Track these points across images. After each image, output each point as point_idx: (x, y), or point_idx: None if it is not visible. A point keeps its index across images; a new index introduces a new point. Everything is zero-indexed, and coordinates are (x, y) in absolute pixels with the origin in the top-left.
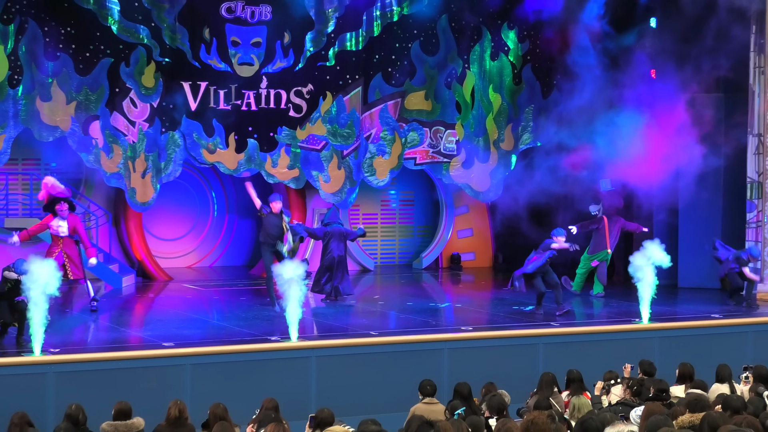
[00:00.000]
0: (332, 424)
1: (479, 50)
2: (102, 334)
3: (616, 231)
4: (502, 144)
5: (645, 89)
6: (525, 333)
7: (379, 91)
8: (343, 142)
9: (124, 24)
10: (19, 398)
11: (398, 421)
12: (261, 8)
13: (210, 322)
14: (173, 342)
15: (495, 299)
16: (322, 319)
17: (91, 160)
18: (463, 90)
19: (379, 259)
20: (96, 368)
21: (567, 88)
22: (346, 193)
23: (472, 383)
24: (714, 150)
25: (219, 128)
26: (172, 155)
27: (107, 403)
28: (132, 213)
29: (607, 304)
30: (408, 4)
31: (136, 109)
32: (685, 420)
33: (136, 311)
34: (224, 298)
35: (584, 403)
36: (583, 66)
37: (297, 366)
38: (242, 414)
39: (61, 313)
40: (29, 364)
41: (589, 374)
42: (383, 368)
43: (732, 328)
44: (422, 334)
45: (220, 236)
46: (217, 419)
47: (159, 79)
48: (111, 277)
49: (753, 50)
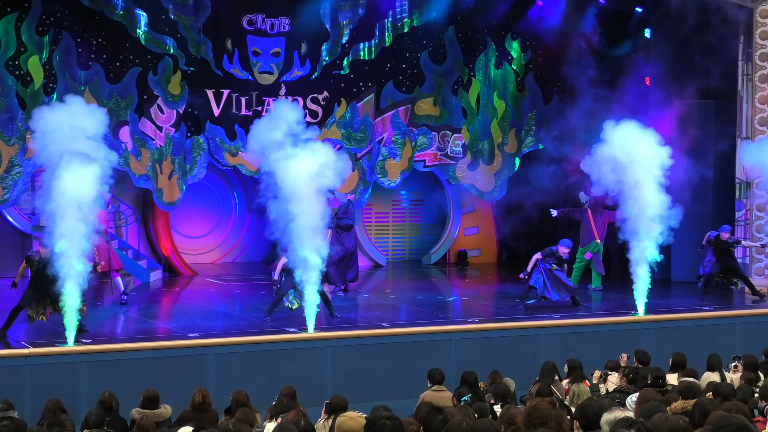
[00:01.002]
0: (346, 410)
1: (484, 59)
2: (131, 325)
3: (602, 223)
4: (506, 147)
5: (640, 95)
6: (527, 324)
7: (390, 98)
8: (356, 145)
9: (151, 35)
10: (53, 386)
11: (408, 408)
12: (280, 20)
13: (232, 315)
14: (198, 333)
15: (499, 293)
16: (337, 311)
17: (121, 162)
18: (469, 96)
19: (390, 255)
20: (125, 358)
21: (566, 95)
22: (360, 194)
23: (478, 372)
24: (705, 151)
25: (241, 133)
26: (197, 158)
27: (136, 391)
28: (159, 212)
29: (604, 297)
30: (417, 16)
31: (163, 115)
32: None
33: (163, 304)
34: (245, 292)
35: (584, 391)
36: (580, 74)
37: (313, 356)
38: (262, 400)
39: (93, 305)
40: (63, 354)
41: (588, 363)
42: (394, 358)
43: (722, 319)
44: (431, 325)
45: (241, 234)
46: (239, 405)
47: (184, 87)
48: (140, 272)
49: (741, 59)
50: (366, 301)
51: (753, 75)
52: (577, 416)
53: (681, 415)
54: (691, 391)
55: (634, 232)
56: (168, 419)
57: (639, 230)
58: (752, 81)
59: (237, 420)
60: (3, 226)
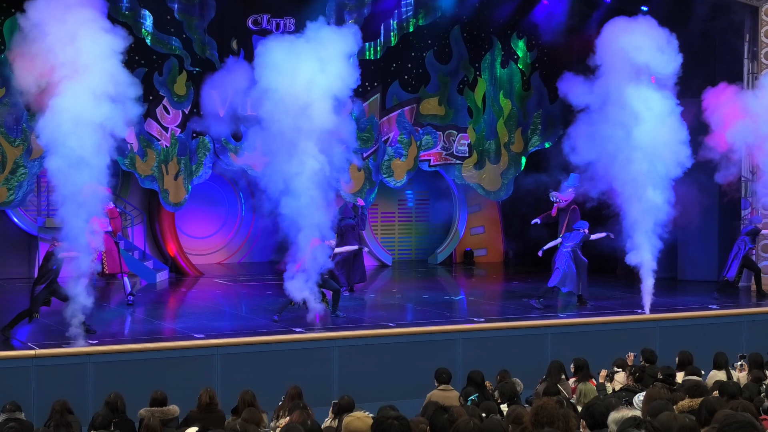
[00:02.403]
0: (353, 410)
1: (490, 59)
2: (138, 326)
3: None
4: (512, 146)
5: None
6: (534, 324)
7: (396, 97)
8: (362, 145)
9: (157, 36)
10: (60, 387)
11: (415, 407)
12: (285, 20)
13: (239, 315)
14: (204, 333)
15: (506, 292)
16: (344, 312)
17: (127, 163)
18: (474, 96)
19: (396, 255)
20: (132, 358)
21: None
22: (366, 193)
23: (485, 371)
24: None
25: (246, 133)
26: (203, 158)
27: (142, 391)
28: (165, 213)
29: (610, 296)
30: (423, 16)
31: (168, 116)
32: (685, 405)
33: (170, 305)
34: (252, 293)
35: (590, 389)
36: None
37: (320, 355)
38: (268, 400)
39: (100, 306)
40: (70, 355)
41: (594, 362)
42: (401, 357)
43: (728, 318)
44: (437, 325)
45: (247, 234)
46: (246, 405)
47: (190, 88)
48: (146, 273)
49: (746, 57)
50: (372, 300)
51: (758, 74)
52: (584, 415)
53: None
54: (698, 389)
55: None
56: (175, 418)
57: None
58: (757, 79)
59: (243, 420)
60: (9, 228)
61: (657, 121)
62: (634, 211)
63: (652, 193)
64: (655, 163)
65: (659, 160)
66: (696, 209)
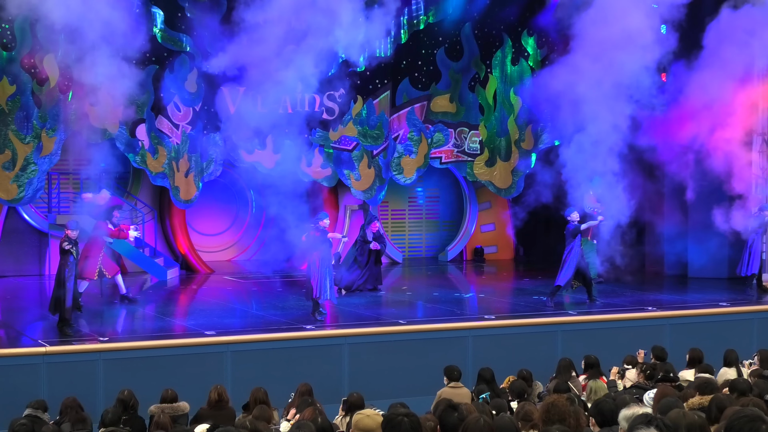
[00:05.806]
0: (363, 407)
1: (501, 56)
2: (148, 323)
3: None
4: (522, 143)
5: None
6: (544, 321)
7: (406, 95)
8: (372, 142)
9: (168, 33)
10: (70, 384)
11: (425, 404)
12: None
13: (249, 312)
14: (215, 330)
15: (516, 289)
16: (354, 308)
17: (138, 160)
18: (485, 93)
19: (407, 252)
20: (142, 355)
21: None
22: (376, 191)
23: (495, 368)
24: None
25: (257, 130)
26: (213, 156)
27: (152, 388)
28: (176, 210)
29: (621, 293)
30: (434, 13)
31: (179, 113)
32: (695, 402)
33: (180, 302)
34: (262, 290)
35: (601, 387)
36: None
37: (330, 353)
38: (278, 397)
39: (109, 304)
40: (80, 352)
41: (605, 359)
42: (411, 354)
43: (738, 315)
44: (448, 322)
45: (258, 231)
46: (257, 402)
47: (200, 85)
48: (157, 269)
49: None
50: (383, 298)
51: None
52: (593, 413)
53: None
54: (708, 386)
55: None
56: (185, 415)
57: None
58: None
59: (254, 417)
60: (20, 224)
61: None
62: None
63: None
64: None
65: None
66: (706, 206)
